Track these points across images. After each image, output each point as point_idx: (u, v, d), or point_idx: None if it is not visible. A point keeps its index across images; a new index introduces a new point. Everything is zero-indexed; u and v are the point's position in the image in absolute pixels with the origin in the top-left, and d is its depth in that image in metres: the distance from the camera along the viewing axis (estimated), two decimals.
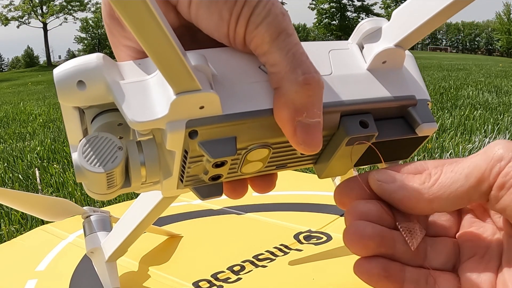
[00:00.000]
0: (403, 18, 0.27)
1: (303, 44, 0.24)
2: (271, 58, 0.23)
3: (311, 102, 0.23)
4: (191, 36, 0.26)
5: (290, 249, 0.54)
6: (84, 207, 0.49)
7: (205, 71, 0.22)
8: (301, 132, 0.23)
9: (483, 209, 0.27)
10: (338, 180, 0.55)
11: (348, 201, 0.26)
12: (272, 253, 0.53)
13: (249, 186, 0.29)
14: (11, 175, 1.21)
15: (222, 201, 0.73)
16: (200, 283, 0.47)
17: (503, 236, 0.25)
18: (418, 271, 0.25)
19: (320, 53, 0.26)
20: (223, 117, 0.23)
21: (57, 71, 0.23)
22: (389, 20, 0.28)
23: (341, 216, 0.64)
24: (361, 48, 0.28)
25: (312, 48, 0.26)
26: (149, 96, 0.23)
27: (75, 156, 0.24)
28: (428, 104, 0.28)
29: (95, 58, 0.23)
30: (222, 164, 0.24)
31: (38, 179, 1.14)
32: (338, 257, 0.51)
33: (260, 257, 0.52)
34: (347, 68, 0.27)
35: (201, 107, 0.22)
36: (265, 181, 0.29)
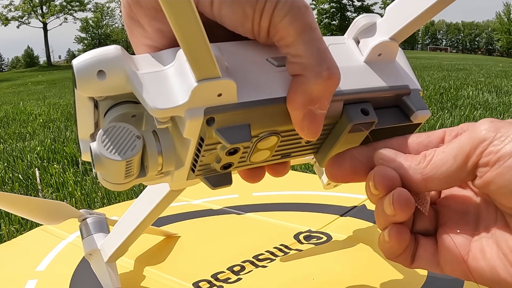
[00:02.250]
0: (397, 13, 0.28)
1: None
2: (295, 50, 0.24)
3: (326, 95, 0.25)
4: (209, 33, 0.27)
5: (290, 249, 0.54)
6: (80, 210, 0.49)
7: (221, 62, 0.23)
8: (308, 120, 0.25)
9: None
10: (325, 177, 0.56)
11: (340, 174, 0.28)
12: (272, 253, 0.53)
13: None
14: (11, 175, 1.21)
15: (222, 201, 0.73)
16: (200, 284, 0.47)
17: (480, 202, 0.27)
18: (412, 239, 0.27)
19: None
20: (238, 105, 0.24)
21: (76, 62, 0.23)
22: (382, 16, 0.30)
23: (341, 216, 0.64)
24: (357, 42, 0.30)
25: None
26: (168, 85, 0.24)
27: (94, 145, 0.24)
28: (420, 93, 0.30)
29: (113, 49, 0.24)
30: (235, 151, 0.25)
31: (38, 179, 1.14)
32: (338, 257, 0.51)
33: (260, 257, 0.52)
34: (346, 61, 0.28)
35: (219, 95, 0.23)
36: (280, 164, 0.30)
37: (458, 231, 0.26)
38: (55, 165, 1.29)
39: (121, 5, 0.27)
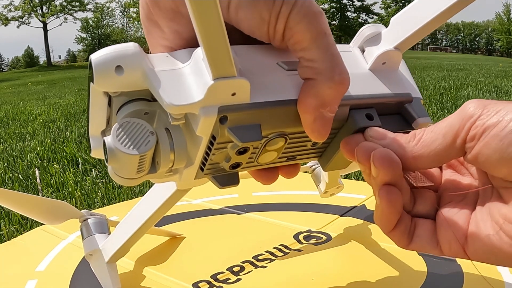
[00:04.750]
0: (401, 24, 0.30)
1: None
2: (309, 55, 0.25)
3: (336, 99, 0.26)
4: None
5: (290, 249, 0.54)
6: (82, 211, 0.49)
7: (235, 63, 0.24)
8: (318, 122, 0.26)
9: (459, 163, 0.30)
10: (322, 185, 0.56)
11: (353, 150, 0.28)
12: (271, 253, 0.53)
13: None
14: (11, 175, 1.21)
15: (222, 200, 0.73)
16: (199, 284, 0.47)
17: (478, 185, 0.27)
18: (408, 216, 0.28)
19: None
20: (250, 105, 0.25)
21: (95, 56, 0.24)
22: (386, 26, 0.31)
23: (341, 216, 0.64)
24: (362, 51, 0.31)
25: None
26: (184, 82, 0.24)
27: (108, 139, 0.25)
28: (421, 101, 0.31)
29: (132, 46, 0.24)
30: (244, 151, 0.26)
31: (38, 179, 1.14)
32: (338, 257, 0.51)
33: (259, 257, 0.52)
34: (352, 68, 0.29)
35: (233, 94, 0.24)
36: (291, 166, 0.31)
37: (457, 210, 0.27)
38: (55, 165, 1.29)
39: (140, 6, 0.28)
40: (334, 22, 38.05)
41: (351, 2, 38.22)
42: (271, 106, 0.25)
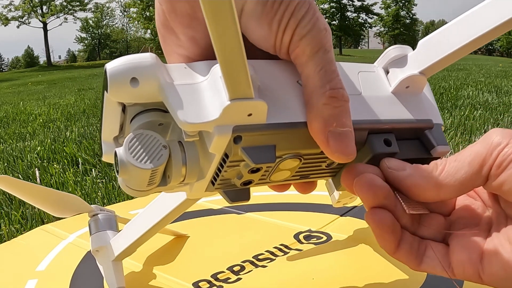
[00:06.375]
0: (429, 49, 0.29)
1: (336, 63, 0.26)
2: (306, 70, 0.25)
3: (338, 113, 0.25)
4: None
5: (290, 249, 0.54)
6: (92, 205, 0.49)
7: (254, 81, 0.23)
8: (333, 141, 0.25)
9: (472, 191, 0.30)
10: (336, 194, 0.56)
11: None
12: (272, 253, 0.53)
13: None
14: (11, 175, 1.21)
15: (222, 200, 0.72)
16: (200, 284, 0.47)
17: (491, 214, 0.27)
18: (412, 236, 0.27)
19: (351, 74, 0.28)
20: (266, 126, 0.24)
21: (110, 66, 0.23)
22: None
23: (341, 216, 0.64)
24: (386, 72, 0.30)
25: (343, 68, 0.29)
26: (200, 99, 0.24)
27: (120, 151, 0.25)
28: (441, 127, 0.30)
29: (149, 57, 0.24)
30: (257, 170, 0.26)
31: (38, 179, 1.14)
32: (338, 257, 0.51)
33: (260, 257, 0.52)
34: (375, 90, 0.29)
35: (249, 115, 0.23)
36: (308, 182, 0.31)
37: (471, 234, 0.27)
38: (55, 165, 1.29)
39: (155, 14, 0.28)
40: (334, 22, 38.04)
41: (351, 2, 38.21)
42: (287, 127, 0.25)
